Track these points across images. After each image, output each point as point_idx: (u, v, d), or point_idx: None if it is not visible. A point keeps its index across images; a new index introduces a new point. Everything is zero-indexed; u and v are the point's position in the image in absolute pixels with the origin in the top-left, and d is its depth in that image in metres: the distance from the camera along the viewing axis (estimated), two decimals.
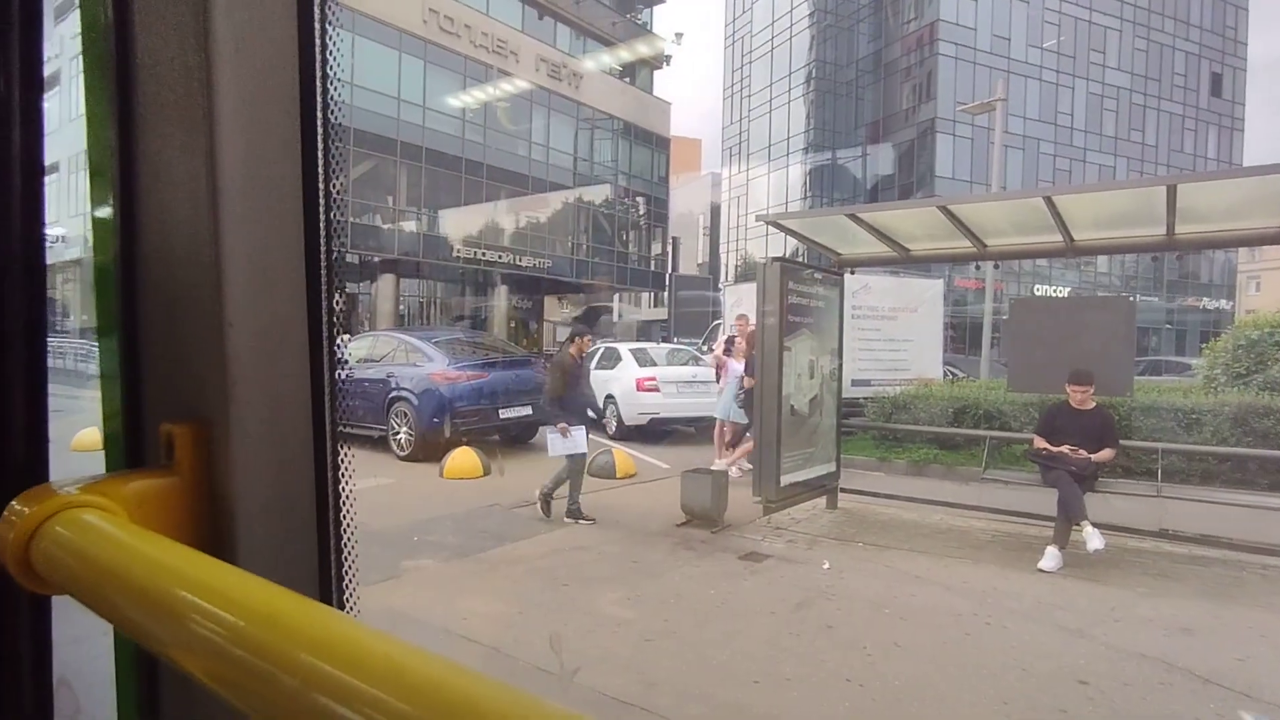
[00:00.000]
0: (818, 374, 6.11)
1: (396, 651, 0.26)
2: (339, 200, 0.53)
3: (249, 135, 0.48)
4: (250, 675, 0.30)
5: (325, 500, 0.54)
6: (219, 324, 0.48)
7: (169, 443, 0.49)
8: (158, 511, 0.47)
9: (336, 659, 0.27)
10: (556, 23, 28.07)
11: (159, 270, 0.52)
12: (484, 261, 25.50)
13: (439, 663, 0.26)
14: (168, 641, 0.34)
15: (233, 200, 0.47)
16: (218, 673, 0.31)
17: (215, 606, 0.32)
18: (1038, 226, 5.62)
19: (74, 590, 0.41)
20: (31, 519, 0.43)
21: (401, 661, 0.26)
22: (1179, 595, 4.54)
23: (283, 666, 0.28)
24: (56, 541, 0.42)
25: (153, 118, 0.50)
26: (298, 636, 0.28)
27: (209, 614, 0.32)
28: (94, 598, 0.39)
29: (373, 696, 0.25)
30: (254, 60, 0.48)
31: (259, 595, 0.32)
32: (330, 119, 0.52)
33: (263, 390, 0.49)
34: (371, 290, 23.14)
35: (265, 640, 0.29)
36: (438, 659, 0.26)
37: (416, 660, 0.26)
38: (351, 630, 0.28)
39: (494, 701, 0.24)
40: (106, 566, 0.39)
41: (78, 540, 0.41)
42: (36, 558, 0.42)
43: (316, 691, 0.26)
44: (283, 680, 0.28)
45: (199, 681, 0.32)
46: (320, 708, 0.26)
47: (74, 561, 0.41)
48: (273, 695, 0.29)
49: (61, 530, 0.42)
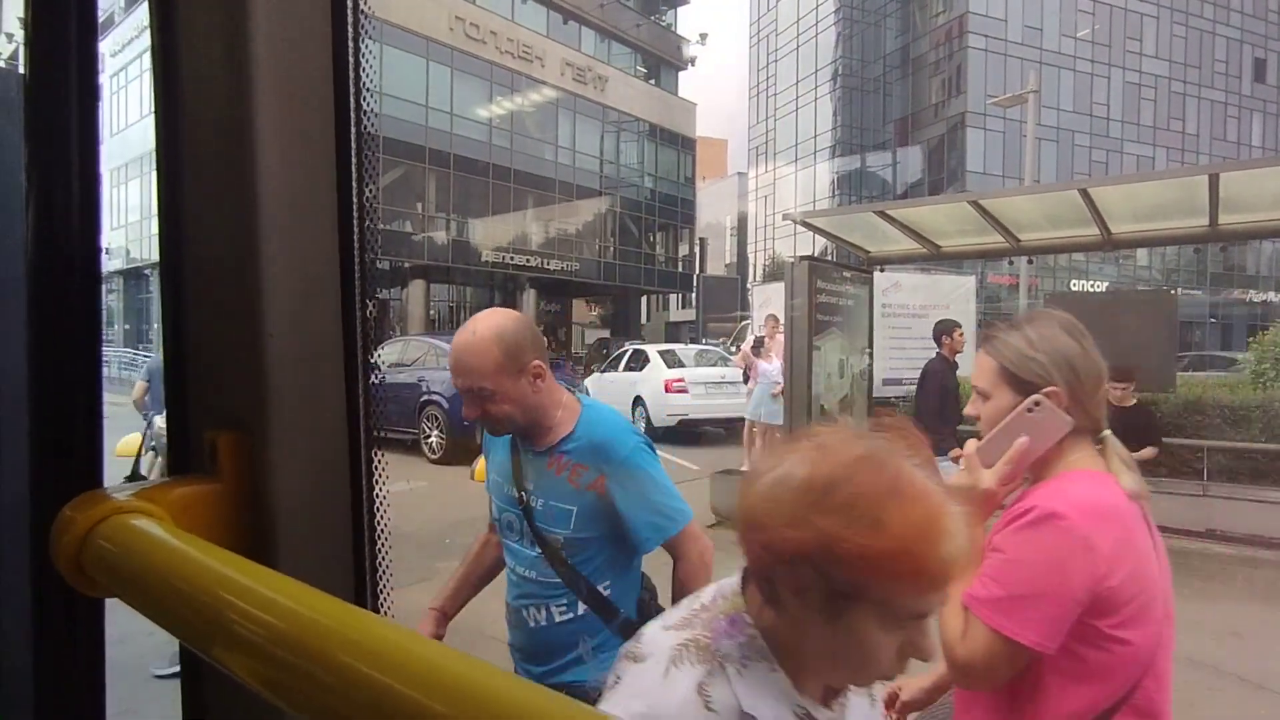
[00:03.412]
0: (848, 373, 6.04)
1: (432, 653, 0.27)
2: (372, 209, 0.54)
3: (286, 147, 0.49)
4: (291, 675, 0.30)
5: (360, 505, 0.55)
6: (260, 334, 0.49)
7: (213, 450, 0.51)
8: (202, 517, 0.48)
9: (374, 660, 0.27)
10: (581, 27, 28.22)
11: (202, 281, 0.53)
12: (512, 266, 25.72)
13: (475, 665, 0.26)
14: (212, 642, 0.35)
15: (271, 212, 0.48)
16: (260, 672, 0.32)
17: (257, 609, 0.33)
18: (1073, 220, 5.50)
19: (123, 592, 0.42)
20: (83, 523, 0.45)
21: (438, 663, 0.26)
22: (1228, 598, 4.40)
23: (322, 667, 0.29)
24: (107, 545, 0.43)
25: (194, 130, 0.52)
26: (336, 638, 0.29)
27: (251, 616, 0.32)
28: (142, 600, 0.40)
29: (409, 698, 0.25)
30: (291, 74, 0.49)
31: (299, 598, 0.32)
32: (365, 129, 0.53)
33: (302, 398, 0.51)
34: (402, 296, 23.48)
35: (305, 641, 0.30)
36: (473, 661, 0.26)
37: (452, 662, 0.26)
38: (389, 632, 0.29)
39: (530, 704, 0.24)
40: (154, 570, 0.40)
41: (127, 544, 0.43)
42: (88, 561, 0.44)
43: (355, 691, 0.27)
44: (322, 680, 0.29)
45: (242, 681, 0.33)
46: (359, 707, 0.27)
47: (123, 565, 0.42)
48: (312, 694, 0.30)
49: (112, 535, 0.44)
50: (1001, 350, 1.15)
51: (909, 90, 38.58)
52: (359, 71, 0.52)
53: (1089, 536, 1.04)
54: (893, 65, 39.35)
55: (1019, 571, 1.05)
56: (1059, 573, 1.03)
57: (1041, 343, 1.13)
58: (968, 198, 5.64)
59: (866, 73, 40.46)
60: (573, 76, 27.24)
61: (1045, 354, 1.12)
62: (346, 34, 0.51)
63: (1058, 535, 1.04)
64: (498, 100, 25.17)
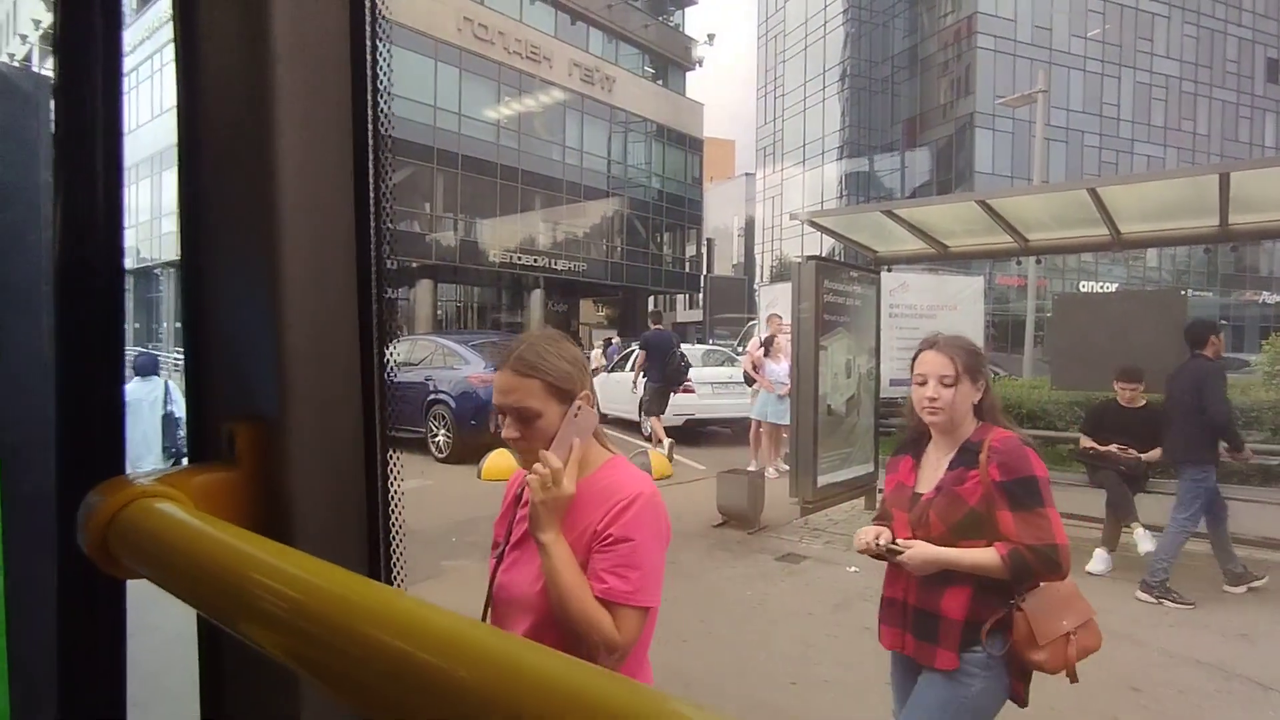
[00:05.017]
0: (854, 373, 6.04)
1: (453, 623, 0.28)
2: (390, 208, 0.56)
3: (305, 147, 0.51)
4: (314, 646, 0.32)
5: (375, 497, 0.56)
6: (277, 328, 0.50)
7: (231, 440, 0.52)
8: (221, 502, 0.50)
9: (396, 630, 0.29)
10: (589, 27, 28.26)
11: (221, 277, 0.55)
12: (520, 266, 25.78)
13: (494, 633, 0.27)
14: (237, 617, 0.37)
15: (289, 209, 0.50)
16: (284, 644, 0.34)
17: (280, 584, 0.34)
18: (1082, 220, 5.48)
19: (148, 572, 0.44)
20: (108, 507, 0.47)
21: (459, 631, 0.28)
22: (1237, 600, 4.38)
23: (345, 637, 0.30)
24: (132, 528, 0.45)
25: (214, 128, 0.54)
26: (358, 610, 0.31)
27: (274, 591, 0.34)
28: (166, 578, 0.42)
29: (432, 664, 0.27)
30: (309, 76, 0.51)
31: (320, 573, 0.34)
32: (380, 131, 0.54)
33: (318, 390, 0.52)
34: (410, 296, 23.56)
35: (327, 614, 0.31)
36: (493, 630, 0.28)
37: (473, 630, 0.28)
38: (408, 604, 0.30)
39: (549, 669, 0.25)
40: (178, 550, 0.42)
41: (151, 526, 0.45)
42: (114, 542, 0.46)
43: (377, 660, 0.28)
44: (346, 650, 0.30)
45: (266, 653, 0.34)
46: (381, 675, 0.28)
47: (148, 545, 0.44)
48: (335, 663, 0.31)
49: (136, 517, 0.46)
50: (546, 371, 1.27)
51: (917, 91, 38.43)
52: (376, 74, 0.54)
53: (662, 503, 1.30)
54: (901, 66, 39.21)
55: (643, 553, 1.23)
56: (663, 539, 1.29)
57: (569, 355, 1.30)
58: (976, 197, 5.62)
59: (875, 73, 40.33)
60: (580, 77, 27.27)
61: (573, 364, 1.29)
62: (364, 37, 0.53)
63: (655, 509, 1.27)
64: (506, 101, 25.23)
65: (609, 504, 1.24)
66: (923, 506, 1.89)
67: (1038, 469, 1.80)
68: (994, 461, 1.80)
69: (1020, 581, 1.79)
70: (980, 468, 1.82)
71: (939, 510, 1.85)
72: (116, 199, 0.56)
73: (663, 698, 0.23)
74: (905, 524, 1.92)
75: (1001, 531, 1.78)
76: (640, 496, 1.26)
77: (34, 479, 1.05)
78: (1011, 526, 1.76)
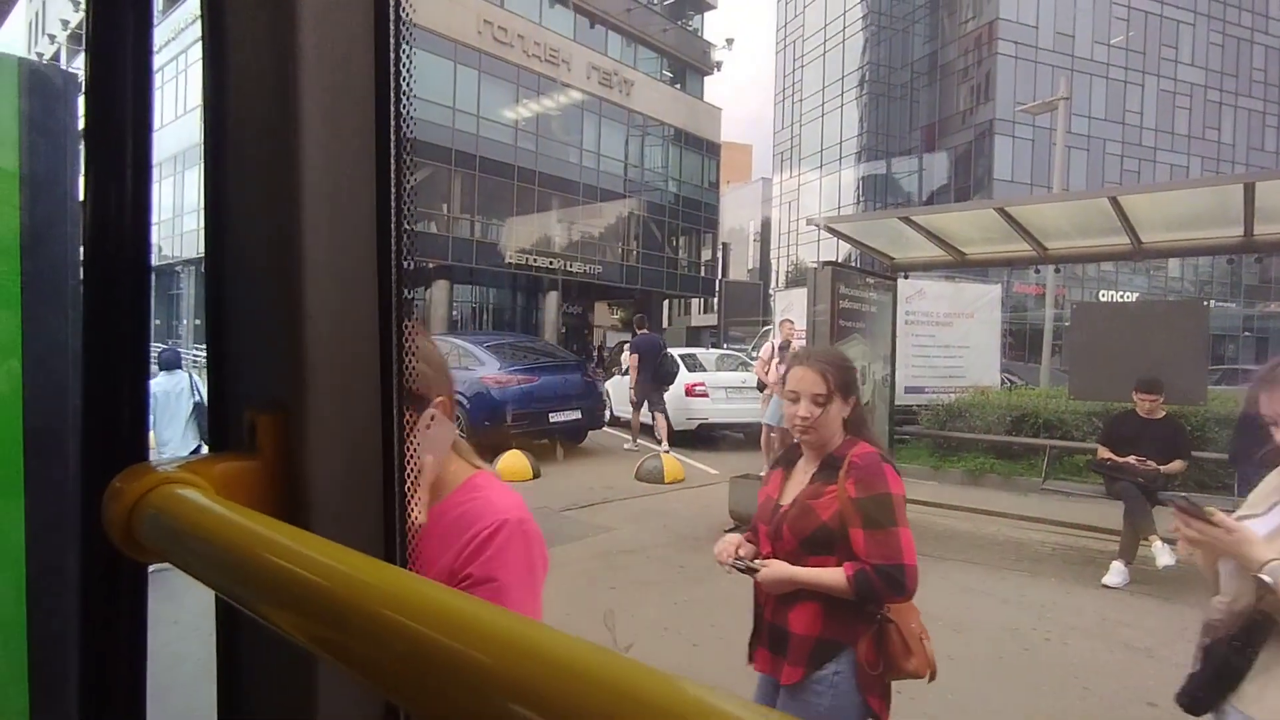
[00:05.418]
0: (869, 380, 6.01)
1: (472, 606, 0.29)
2: (411, 205, 0.57)
3: (328, 145, 0.52)
4: (333, 628, 0.33)
5: (392, 490, 0.57)
6: (299, 320, 0.51)
7: (252, 429, 0.53)
8: (242, 489, 0.51)
9: (414, 613, 0.29)
10: (608, 31, 28.36)
11: (244, 271, 0.56)
12: (535, 268, 25.87)
13: (513, 617, 0.28)
14: (258, 599, 0.38)
15: (312, 205, 0.51)
16: (303, 626, 0.34)
17: (299, 567, 0.35)
18: (1102, 228, 5.43)
19: (171, 556, 0.45)
20: (132, 493, 0.48)
21: (478, 615, 0.28)
22: None
23: (365, 619, 0.31)
24: (155, 513, 0.47)
25: (241, 125, 0.55)
26: (376, 593, 0.31)
27: (294, 574, 0.35)
28: (189, 561, 0.43)
29: (451, 647, 0.27)
30: (335, 77, 0.52)
31: (338, 557, 0.35)
32: (403, 132, 0.55)
33: (339, 381, 0.53)
34: (426, 296, 23.72)
35: (346, 597, 0.32)
36: (512, 614, 0.28)
37: (492, 614, 0.28)
38: (426, 588, 0.31)
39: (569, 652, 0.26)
40: (200, 534, 0.43)
41: (174, 511, 0.46)
42: (137, 527, 0.47)
43: (397, 642, 0.29)
44: (365, 631, 0.31)
45: (285, 635, 0.35)
46: (400, 656, 0.29)
47: (171, 530, 0.45)
48: (354, 645, 0.32)
49: (159, 503, 0.47)
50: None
51: (936, 97, 38.21)
52: (399, 78, 0.55)
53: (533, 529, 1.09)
54: (920, 72, 39.00)
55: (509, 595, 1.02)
56: (535, 572, 1.08)
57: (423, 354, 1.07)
58: (994, 204, 5.58)
59: (894, 79, 40.15)
60: (599, 80, 27.37)
61: (429, 364, 1.05)
62: (389, 41, 0.54)
63: (524, 538, 1.06)
64: (524, 103, 25.38)
65: (466, 537, 1.03)
66: (779, 519, 1.87)
67: (894, 486, 1.75)
68: (851, 477, 1.76)
69: (866, 603, 1.75)
70: (838, 483, 1.78)
71: (791, 523, 1.82)
72: (145, 194, 0.58)
73: (681, 682, 0.23)
74: (767, 537, 1.90)
75: (853, 549, 1.74)
76: (504, 526, 1.04)
77: (58, 466, 1.08)
78: (862, 544, 1.72)
